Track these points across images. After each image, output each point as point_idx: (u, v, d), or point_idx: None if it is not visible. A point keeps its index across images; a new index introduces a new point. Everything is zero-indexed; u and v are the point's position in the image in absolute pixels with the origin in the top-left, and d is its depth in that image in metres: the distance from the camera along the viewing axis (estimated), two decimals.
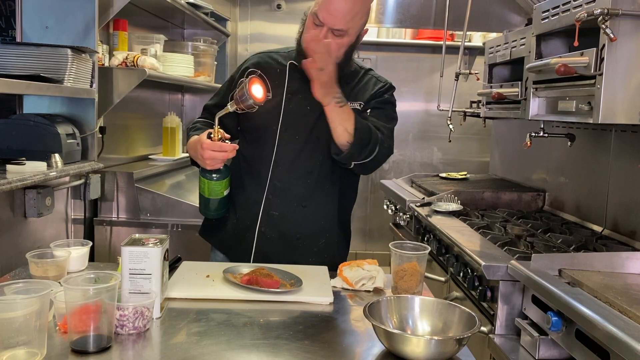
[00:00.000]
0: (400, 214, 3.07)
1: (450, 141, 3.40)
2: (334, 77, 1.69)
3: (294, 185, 1.83)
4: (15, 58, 1.94)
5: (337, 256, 1.89)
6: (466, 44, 3.62)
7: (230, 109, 1.70)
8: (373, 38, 4.68)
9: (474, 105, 3.46)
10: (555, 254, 1.81)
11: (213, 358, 1.15)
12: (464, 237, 2.11)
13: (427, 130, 4.87)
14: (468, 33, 4.07)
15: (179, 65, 3.10)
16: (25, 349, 1.08)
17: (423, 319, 1.29)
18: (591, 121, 1.71)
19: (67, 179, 2.37)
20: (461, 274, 2.05)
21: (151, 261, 1.31)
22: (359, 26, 1.76)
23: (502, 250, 1.93)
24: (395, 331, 1.21)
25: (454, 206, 2.59)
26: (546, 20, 2.01)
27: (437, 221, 2.40)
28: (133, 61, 2.59)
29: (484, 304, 1.90)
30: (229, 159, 1.75)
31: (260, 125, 1.85)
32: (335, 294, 1.53)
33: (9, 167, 1.88)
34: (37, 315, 1.09)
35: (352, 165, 1.79)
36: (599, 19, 1.61)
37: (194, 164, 1.83)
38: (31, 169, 1.90)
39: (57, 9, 2.20)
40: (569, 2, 1.83)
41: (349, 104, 1.75)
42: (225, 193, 1.82)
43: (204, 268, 1.66)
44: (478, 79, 2.99)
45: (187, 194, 2.85)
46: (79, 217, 2.60)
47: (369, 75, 1.92)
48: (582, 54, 1.73)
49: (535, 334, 1.61)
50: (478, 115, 3.10)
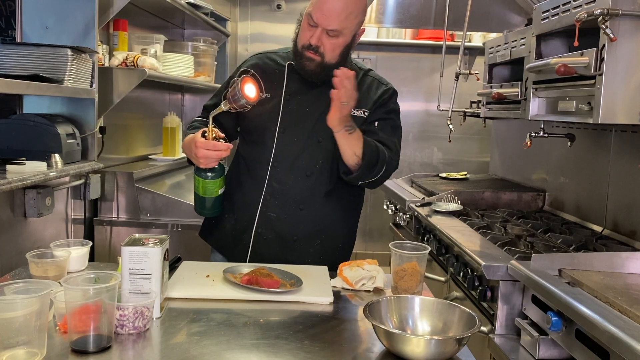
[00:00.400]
0: (400, 214, 3.07)
1: (450, 141, 3.39)
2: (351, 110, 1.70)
3: (292, 187, 1.83)
4: (15, 58, 1.94)
5: (337, 256, 1.86)
6: (466, 44, 3.61)
7: (224, 108, 1.70)
8: (373, 38, 4.68)
9: (474, 105, 3.45)
10: (555, 254, 1.81)
11: (213, 358, 1.15)
12: (464, 237, 2.11)
13: (427, 130, 4.87)
14: (468, 33, 4.06)
15: (179, 65, 3.10)
16: (25, 349, 1.08)
17: (423, 319, 1.29)
18: (591, 121, 1.71)
19: (67, 179, 2.38)
20: (461, 274, 2.05)
21: (151, 261, 1.31)
22: (354, 26, 1.75)
23: (502, 250, 1.93)
24: (395, 331, 1.21)
25: (454, 206, 2.59)
26: (546, 20, 2.01)
27: (437, 221, 2.40)
28: (133, 61, 2.59)
29: (484, 304, 1.90)
30: (224, 158, 1.75)
31: (259, 126, 1.85)
32: (335, 294, 1.53)
33: (9, 167, 1.88)
34: (37, 315, 1.09)
35: (359, 183, 1.82)
36: (599, 19, 1.61)
37: (190, 163, 1.83)
38: (31, 169, 1.90)
39: (57, 9, 2.20)
40: (569, 2, 1.83)
41: (353, 117, 1.75)
42: (220, 192, 1.81)
43: (204, 268, 1.66)
44: (478, 79, 2.99)
45: (187, 194, 2.85)
46: (79, 217, 2.60)
47: (369, 78, 1.90)
48: (582, 54, 1.73)
49: (535, 334, 1.61)
50: (478, 115, 3.10)
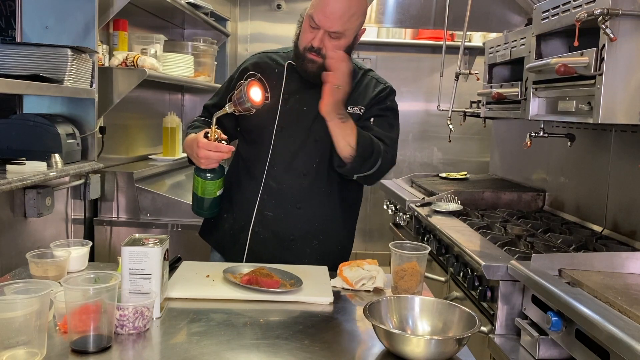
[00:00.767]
0: (400, 214, 3.07)
1: (450, 141, 3.39)
2: (345, 98, 1.70)
3: (289, 187, 1.82)
4: (15, 58, 1.94)
5: (336, 257, 1.85)
6: (466, 44, 3.61)
7: (228, 110, 1.70)
8: (373, 38, 4.67)
9: (474, 105, 3.45)
10: (555, 254, 1.81)
11: (213, 358, 1.15)
12: (464, 237, 2.11)
13: (427, 130, 4.87)
14: (468, 33, 4.06)
15: (179, 65, 3.10)
16: (25, 349, 1.08)
17: (423, 319, 1.29)
18: (591, 121, 1.71)
19: (67, 179, 2.37)
20: (461, 274, 2.05)
21: (151, 261, 1.31)
22: (355, 27, 1.74)
23: (502, 250, 1.93)
24: (395, 331, 1.21)
25: (454, 206, 2.59)
26: (546, 20, 2.01)
27: (437, 221, 2.40)
28: (133, 61, 2.59)
29: (484, 304, 1.90)
30: (225, 159, 1.75)
31: (257, 125, 1.85)
32: (335, 294, 1.53)
33: (9, 167, 1.88)
34: (37, 315, 1.09)
35: (355, 177, 1.80)
36: (599, 19, 1.61)
37: (191, 162, 1.83)
38: (31, 169, 1.90)
39: (57, 9, 2.20)
40: (569, 2, 1.83)
41: (349, 115, 1.74)
42: (218, 193, 1.81)
43: (204, 268, 1.66)
44: (478, 79, 2.99)
45: (187, 194, 2.85)
46: (79, 217, 2.60)
47: (368, 77, 1.90)
48: (582, 54, 1.73)
49: (535, 334, 1.61)
50: (478, 115, 3.10)
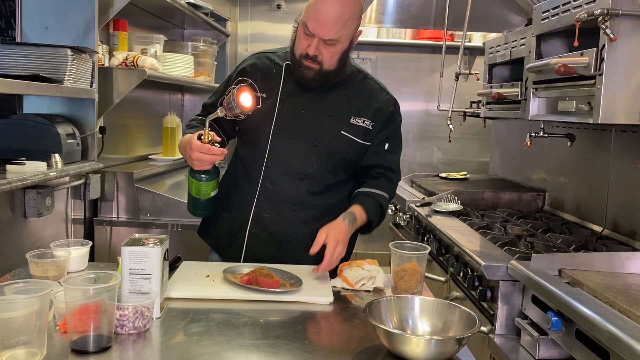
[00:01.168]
0: (400, 214, 3.07)
1: (450, 141, 3.39)
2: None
3: (285, 189, 1.81)
4: (15, 58, 1.94)
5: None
6: (466, 44, 3.61)
7: (220, 114, 1.67)
8: (373, 38, 4.67)
9: (474, 105, 3.45)
10: (555, 254, 1.81)
11: (213, 358, 1.15)
12: (464, 237, 2.11)
13: (427, 130, 4.87)
14: (468, 33, 4.06)
15: (179, 65, 3.10)
16: (25, 349, 1.09)
17: (423, 319, 1.29)
18: (591, 121, 1.71)
19: (67, 179, 2.37)
20: (461, 274, 2.05)
21: (151, 261, 1.31)
22: (350, 32, 1.72)
23: (502, 250, 1.93)
24: (395, 331, 1.21)
25: (454, 206, 2.59)
26: (546, 20, 2.01)
27: (437, 221, 2.40)
28: (133, 61, 2.59)
29: (484, 304, 1.90)
30: (220, 161, 1.74)
31: (255, 126, 1.84)
32: (335, 294, 1.53)
33: (9, 167, 1.88)
34: (37, 315, 1.09)
35: None
36: (599, 19, 1.61)
37: (186, 162, 1.82)
38: (31, 169, 1.90)
39: (57, 9, 2.20)
40: (569, 2, 1.83)
41: (353, 126, 1.81)
42: (213, 194, 1.80)
43: (204, 268, 1.66)
44: (478, 79, 2.99)
45: (187, 194, 2.85)
46: (79, 217, 2.60)
47: (369, 83, 1.88)
48: (582, 54, 1.73)
49: (535, 334, 1.61)
50: (478, 115, 3.10)
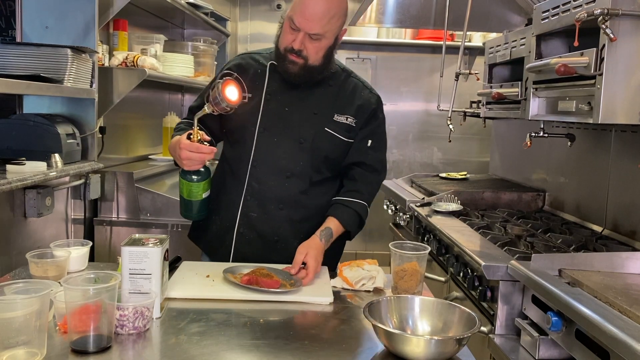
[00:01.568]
0: (400, 214, 3.07)
1: (450, 141, 3.39)
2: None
3: (271, 187, 1.81)
4: (15, 58, 1.94)
5: (325, 258, 1.77)
6: (466, 44, 3.61)
7: (207, 110, 1.67)
8: (373, 38, 4.67)
9: (474, 105, 3.45)
10: (555, 254, 1.81)
11: (213, 358, 1.15)
12: (464, 237, 2.11)
13: (427, 130, 4.87)
14: (468, 33, 4.06)
15: (179, 65, 3.10)
16: (25, 349, 1.09)
17: (423, 319, 1.29)
18: (591, 121, 1.71)
19: (67, 179, 2.37)
20: (461, 274, 2.05)
21: (151, 261, 1.31)
22: (336, 28, 1.74)
23: (502, 250, 1.93)
24: (395, 331, 1.21)
25: (454, 206, 2.59)
26: (546, 20, 2.01)
27: (437, 221, 2.40)
28: (133, 61, 2.59)
29: (484, 304, 1.90)
30: (210, 161, 1.73)
31: (240, 125, 1.84)
32: (335, 294, 1.53)
33: (9, 167, 1.88)
34: (37, 315, 1.09)
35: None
36: (599, 19, 1.61)
37: (177, 165, 1.80)
38: (31, 169, 1.90)
39: (57, 9, 2.20)
40: (569, 2, 1.83)
41: (337, 123, 1.81)
42: (204, 196, 1.78)
43: (204, 268, 1.66)
44: (478, 79, 2.98)
45: None
46: (79, 217, 2.60)
47: (353, 81, 1.90)
48: (582, 54, 1.72)
49: (535, 334, 1.61)
50: (478, 115, 3.10)
